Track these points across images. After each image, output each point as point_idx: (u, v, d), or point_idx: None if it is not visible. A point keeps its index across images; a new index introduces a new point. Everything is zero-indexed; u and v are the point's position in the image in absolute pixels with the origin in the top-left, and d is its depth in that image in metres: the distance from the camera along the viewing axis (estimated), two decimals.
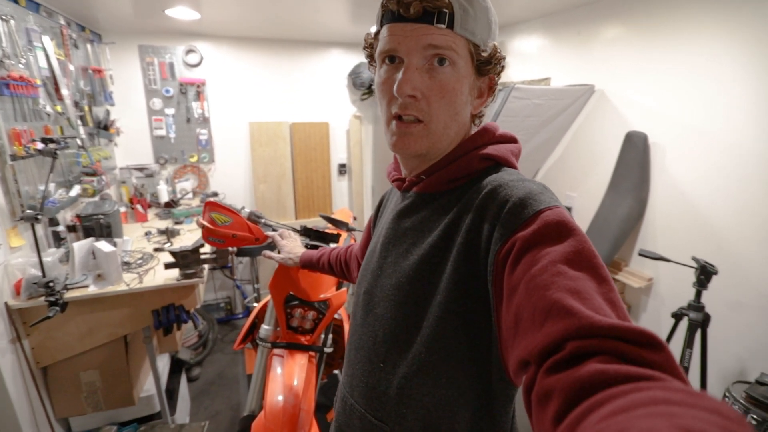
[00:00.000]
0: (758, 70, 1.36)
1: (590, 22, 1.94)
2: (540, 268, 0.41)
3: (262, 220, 1.55)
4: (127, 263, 1.79)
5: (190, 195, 2.85)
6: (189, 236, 2.19)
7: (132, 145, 2.76)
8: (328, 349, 1.56)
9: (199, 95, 2.84)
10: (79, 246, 1.65)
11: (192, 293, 1.76)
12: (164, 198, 2.63)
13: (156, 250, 1.96)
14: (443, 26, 0.52)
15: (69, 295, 1.54)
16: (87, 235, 1.80)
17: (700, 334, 1.43)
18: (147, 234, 2.17)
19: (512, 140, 0.63)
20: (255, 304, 2.96)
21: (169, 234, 2.08)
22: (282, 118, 3.16)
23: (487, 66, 0.57)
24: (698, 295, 1.41)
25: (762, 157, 1.37)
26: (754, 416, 0.94)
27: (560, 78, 2.12)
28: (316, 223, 3.37)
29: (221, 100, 2.95)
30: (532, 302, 0.40)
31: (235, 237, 1.39)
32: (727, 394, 1.02)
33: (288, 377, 1.32)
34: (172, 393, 2.10)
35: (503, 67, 0.60)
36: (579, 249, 0.42)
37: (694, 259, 1.42)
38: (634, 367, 0.30)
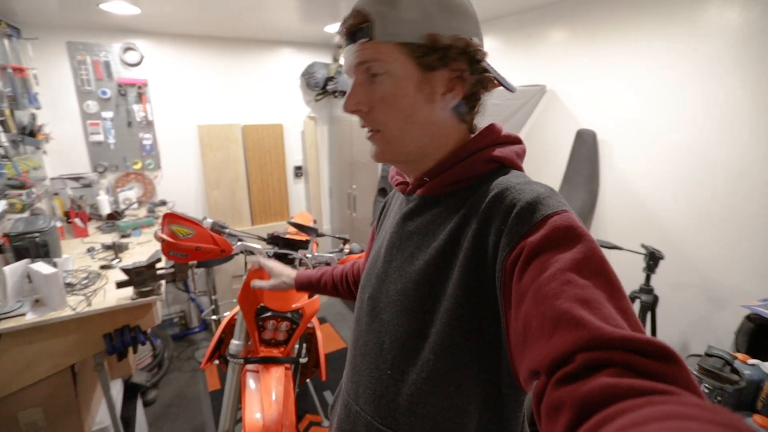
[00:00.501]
0: (695, 71, 1.51)
1: (540, 25, 2.05)
2: (548, 276, 0.41)
3: (227, 230, 1.48)
4: (70, 285, 1.62)
5: (135, 205, 2.63)
6: (139, 250, 2.02)
7: (65, 153, 2.50)
8: (303, 360, 1.52)
9: (140, 97, 2.63)
10: (12, 269, 1.46)
11: (149, 312, 1.63)
12: (106, 210, 2.41)
13: (103, 267, 1.79)
14: (366, 40, 0.54)
15: (1, 326, 1.36)
16: (19, 257, 1.60)
17: (650, 314, 1.57)
18: (90, 250, 1.98)
19: (517, 141, 0.62)
20: (213, 317, 2.82)
21: (117, 249, 1.91)
22: (233, 120, 3.02)
23: (431, 58, 0.53)
24: (648, 279, 1.54)
25: (698, 151, 1.53)
26: (707, 385, 1.05)
27: (513, 79, 2.19)
28: (275, 228, 3.26)
29: (166, 102, 2.75)
30: (540, 311, 0.40)
31: (199, 250, 1.31)
32: None
33: (266, 392, 1.27)
34: (128, 421, 1.94)
35: (460, 52, 0.54)
36: (588, 255, 0.42)
37: (643, 246, 1.54)
38: (647, 380, 0.30)
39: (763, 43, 1.33)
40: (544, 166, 2.09)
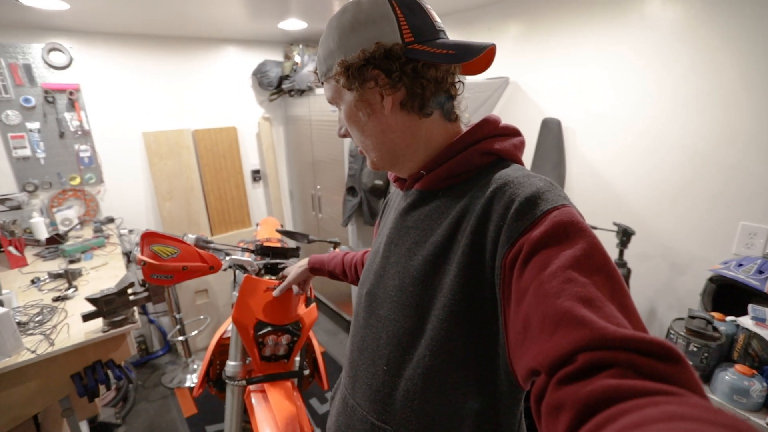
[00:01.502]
0: (646, 61, 1.65)
1: (499, 18, 2.12)
2: (549, 273, 0.41)
3: (212, 245, 1.37)
4: (21, 324, 1.41)
5: (78, 226, 2.35)
6: (96, 276, 1.81)
7: None
8: (306, 372, 1.46)
9: (73, 104, 2.34)
10: None
11: (123, 343, 1.47)
12: (43, 233, 2.12)
13: (57, 299, 1.58)
14: (320, 83, 0.64)
15: None
16: None
17: None
18: (34, 282, 1.73)
19: (515, 133, 0.61)
20: (180, 338, 2.61)
21: (70, 277, 1.69)
22: (182, 125, 2.79)
23: (345, 80, 0.57)
24: (621, 253, 1.67)
25: (654, 134, 1.68)
26: (695, 345, 1.16)
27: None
28: (241, 236, 3.10)
29: (104, 109, 2.47)
30: (541, 310, 0.39)
31: (186, 269, 1.21)
32: (671, 331, 1.24)
33: (279, 411, 1.20)
34: None
35: (363, 64, 0.55)
36: (589, 251, 0.42)
37: (615, 224, 1.67)
38: (650, 381, 0.30)
39: (703, 35, 1.49)
40: None
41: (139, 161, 2.66)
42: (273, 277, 1.42)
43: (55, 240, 2.12)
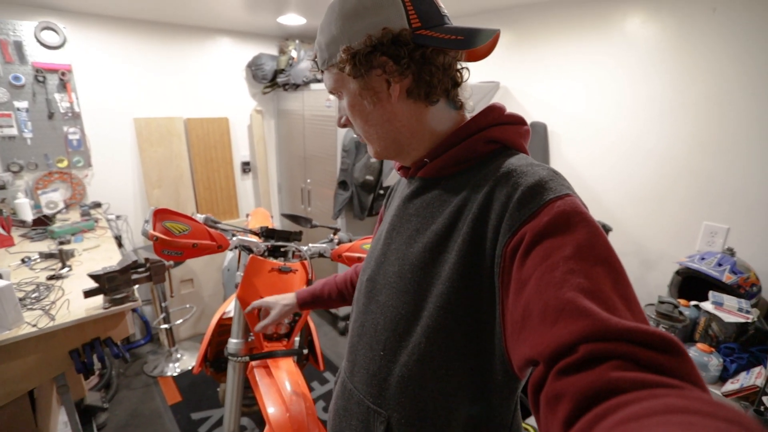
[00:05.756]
0: (626, 72, 1.81)
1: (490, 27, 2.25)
2: (552, 263, 0.40)
3: (219, 225, 1.41)
4: (18, 299, 1.40)
5: (64, 209, 2.30)
6: (89, 257, 1.80)
7: None
8: (305, 351, 1.52)
9: (64, 85, 2.30)
10: None
11: (122, 321, 1.48)
12: (27, 215, 2.08)
13: (52, 278, 1.57)
14: (321, 71, 0.63)
15: None
16: None
17: None
18: (25, 261, 1.71)
19: (520, 122, 0.60)
20: (165, 326, 2.59)
21: (64, 256, 1.68)
22: (174, 113, 2.78)
23: (350, 68, 0.55)
24: None
25: (630, 140, 1.84)
26: (664, 326, 1.30)
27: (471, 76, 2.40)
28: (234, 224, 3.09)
29: (95, 92, 2.44)
30: (543, 300, 0.39)
31: (195, 246, 1.25)
32: None
33: (283, 385, 1.25)
34: None
35: (371, 50, 0.54)
36: (592, 242, 0.42)
37: None
38: (650, 374, 0.30)
39: (677, 50, 1.65)
40: None
41: (129, 147, 2.63)
42: (275, 259, 1.47)
43: (42, 222, 2.08)
